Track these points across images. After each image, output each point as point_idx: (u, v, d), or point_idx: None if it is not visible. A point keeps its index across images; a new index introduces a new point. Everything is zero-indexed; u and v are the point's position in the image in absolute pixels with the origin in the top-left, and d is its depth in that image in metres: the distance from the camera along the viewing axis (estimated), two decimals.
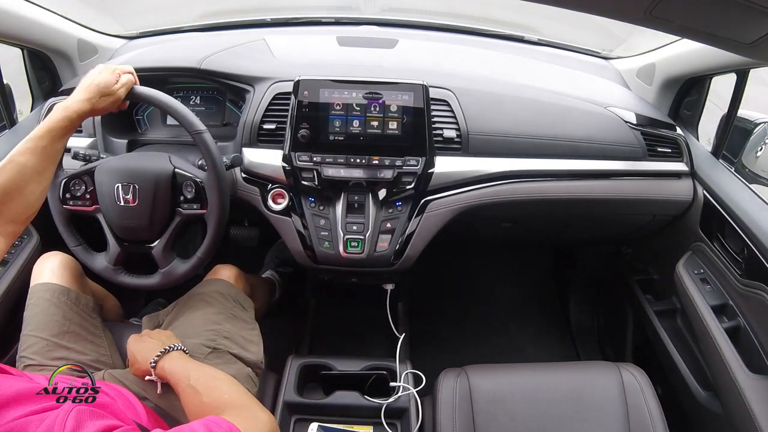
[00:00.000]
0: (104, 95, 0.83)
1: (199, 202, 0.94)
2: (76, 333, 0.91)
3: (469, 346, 1.60)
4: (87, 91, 0.82)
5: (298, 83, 0.99)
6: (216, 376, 0.76)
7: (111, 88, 0.84)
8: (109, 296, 1.18)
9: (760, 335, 0.93)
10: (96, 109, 0.84)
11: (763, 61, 0.75)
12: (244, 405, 0.68)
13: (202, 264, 0.97)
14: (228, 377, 0.77)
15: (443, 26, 1.56)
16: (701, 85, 1.16)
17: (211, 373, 0.77)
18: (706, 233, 1.10)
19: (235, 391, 0.72)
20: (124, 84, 0.87)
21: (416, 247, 1.05)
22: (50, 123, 0.78)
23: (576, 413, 0.91)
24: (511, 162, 1.06)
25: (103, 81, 0.83)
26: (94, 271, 0.98)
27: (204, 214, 0.94)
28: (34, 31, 1.14)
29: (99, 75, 0.84)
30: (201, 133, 0.90)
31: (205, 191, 0.93)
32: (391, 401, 0.99)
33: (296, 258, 1.08)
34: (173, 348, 0.83)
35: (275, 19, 1.52)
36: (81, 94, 0.82)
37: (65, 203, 0.94)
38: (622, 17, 0.60)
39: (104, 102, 0.84)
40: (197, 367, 0.79)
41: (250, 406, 0.69)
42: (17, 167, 0.73)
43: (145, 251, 0.96)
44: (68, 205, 0.94)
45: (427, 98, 0.98)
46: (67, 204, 0.94)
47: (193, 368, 0.78)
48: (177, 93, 1.18)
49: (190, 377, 0.74)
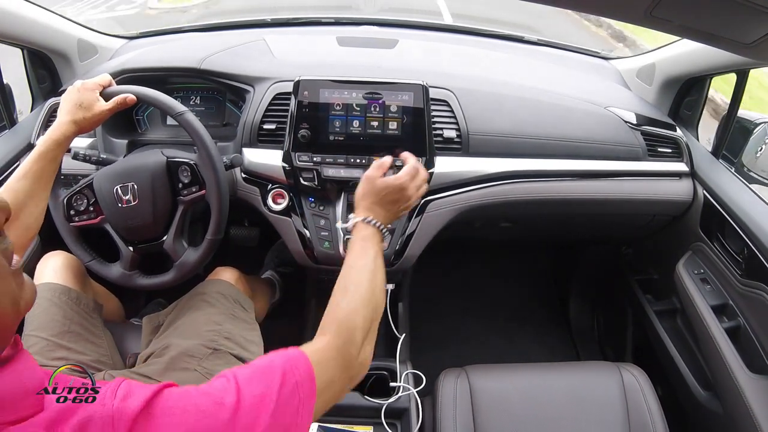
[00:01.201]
0: (87, 113, 0.84)
1: (197, 184, 0.94)
2: (77, 333, 0.91)
3: (469, 346, 1.60)
4: (69, 112, 0.83)
5: (298, 83, 0.99)
6: (372, 302, 0.65)
7: (93, 105, 0.85)
8: (110, 296, 1.18)
9: (760, 335, 0.93)
10: (83, 128, 0.85)
11: (763, 61, 0.75)
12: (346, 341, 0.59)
13: (214, 246, 0.96)
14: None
15: (443, 26, 1.56)
16: (701, 85, 1.16)
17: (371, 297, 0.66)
18: (706, 233, 1.10)
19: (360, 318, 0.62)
20: (106, 95, 0.88)
21: (416, 247, 1.05)
22: (40, 147, 0.79)
23: (576, 413, 0.92)
24: (511, 162, 1.06)
25: (85, 100, 0.84)
26: (112, 281, 0.98)
27: (204, 195, 0.94)
28: (34, 31, 1.14)
29: (78, 94, 0.85)
30: (183, 114, 0.91)
31: (200, 171, 0.93)
32: (391, 401, 0.99)
33: (296, 258, 1.08)
34: (381, 229, 0.75)
35: (275, 19, 1.52)
36: (65, 116, 0.83)
37: (71, 220, 0.94)
38: (622, 17, 0.61)
39: (89, 120, 0.85)
40: (365, 263, 0.69)
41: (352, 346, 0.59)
42: (12, 194, 0.74)
43: (157, 249, 0.96)
44: (74, 222, 0.94)
45: (427, 98, 0.98)
46: (72, 221, 0.94)
47: (361, 259, 0.69)
48: (177, 93, 1.18)
49: (354, 264, 0.68)
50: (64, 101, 0.85)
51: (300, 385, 0.49)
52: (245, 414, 0.43)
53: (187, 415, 0.40)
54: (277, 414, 0.45)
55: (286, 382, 0.48)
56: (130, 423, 0.37)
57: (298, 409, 0.47)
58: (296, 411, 0.47)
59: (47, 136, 0.81)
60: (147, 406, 0.39)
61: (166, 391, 0.42)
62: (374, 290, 0.67)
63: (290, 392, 0.47)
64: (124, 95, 0.88)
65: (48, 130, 0.82)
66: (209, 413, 0.41)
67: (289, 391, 0.47)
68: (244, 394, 0.44)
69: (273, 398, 0.46)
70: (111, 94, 0.89)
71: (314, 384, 0.50)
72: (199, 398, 0.43)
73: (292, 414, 0.47)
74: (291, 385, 0.48)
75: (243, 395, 0.44)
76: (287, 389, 0.47)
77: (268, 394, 0.46)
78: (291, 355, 0.52)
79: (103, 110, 0.86)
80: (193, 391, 0.44)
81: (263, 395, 0.45)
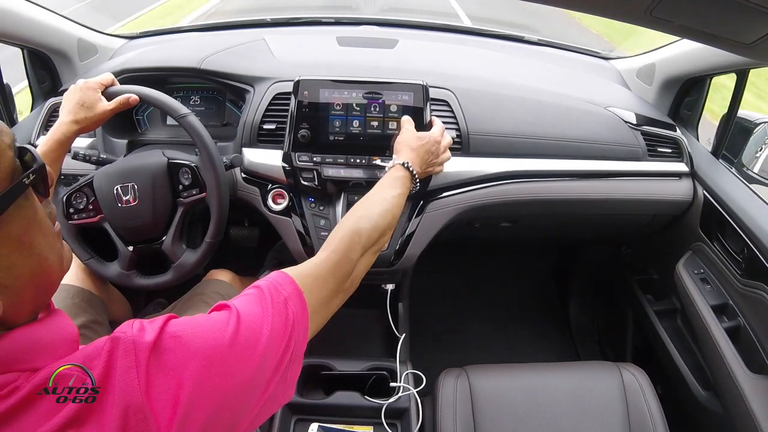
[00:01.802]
0: (89, 112, 0.84)
1: (197, 187, 0.94)
2: (83, 334, 0.92)
3: (469, 346, 1.60)
4: (71, 112, 0.83)
5: (298, 83, 0.99)
6: (380, 228, 0.70)
7: (95, 105, 0.85)
8: (120, 298, 1.18)
9: (760, 335, 0.93)
10: (85, 127, 0.84)
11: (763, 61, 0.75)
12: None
13: (212, 249, 0.96)
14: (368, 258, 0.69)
15: (443, 26, 1.56)
16: (701, 85, 1.16)
17: (381, 222, 0.70)
18: (706, 233, 1.10)
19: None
20: (108, 95, 0.88)
21: (416, 247, 1.04)
22: (42, 148, 0.79)
23: (576, 413, 0.92)
24: (511, 162, 1.06)
25: (87, 99, 0.84)
26: (109, 280, 0.98)
27: (205, 197, 0.94)
28: (34, 31, 1.14)
29: (80, 93, 0.84)
30: (186, 116, 0.90)
31: (201, 174, 0.93)
32: (391, 401, 0.99)
33: (296, 258, 1.08)
34: (414, 175, 0.81)
35: (275, 19, 1.52)
36: (66, 115, 0.83)
37: (70, 218, 0.94)
38: (622, 17, 0.60)
39: (91, 120, 0.84)
40: (384, 197, 0.75)
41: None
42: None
43: (155, 250, 0.96)
44: (73, 220, 0.94)
45: (427, 98, 0.98)
46: (72, 219, 0.94)
47: (379, 200, 0.74)
48: (177, 93, 1.18)
49: (373, 195, 0.75)
50: (66, 100, 0.84)
51: (289, 300, 0.53)
52: (246, 329, 0.47)
53: (196, 338, 0.44)
54: (275, 326, 0.49)
55: (275, 300, 0.52)
56: (150, 347, 0.41)
57: (292, 321, 0.51)
58: (288, 322, 0.51)
59: (49, 137, 0.80)
60: (160, 333, 0.43)
61: (171, 321, 0.45)
62: (384, 215, 0.71)
63: (281, 305, 0.51)
64: (127, 95, 0.88)
65: (50, 131, 0.82)
66: (216, 329, 0.45)
67: (280, 304, 0.51)
68: (243, 314, 0.48)
69: (269, 313, 0.50)
70: (113, 94, 0.88)
71: (302, 297, 0.54)
72: (204, 321, 0.47)
73: (284, 325, 0.50)
74: (281, 300, 0.52)
75: (242, 315, 0.48)
76: (278, 304, 0.51)
77: (264, 311, 0.50)
78: (275, 277, 0.56)
79: (105, 110, 0.86)
80: (197, 318, 0.47)
81: (259, 314, 0.49)
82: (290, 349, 0.50)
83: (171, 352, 0.42)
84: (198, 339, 0.43)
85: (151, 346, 0.41)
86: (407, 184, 0.80)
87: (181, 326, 0.44)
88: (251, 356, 0.46)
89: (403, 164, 0.81)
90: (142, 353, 0.40)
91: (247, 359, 0.45)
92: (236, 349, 0.45)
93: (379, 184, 0.78)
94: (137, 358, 0.40)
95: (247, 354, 0.45)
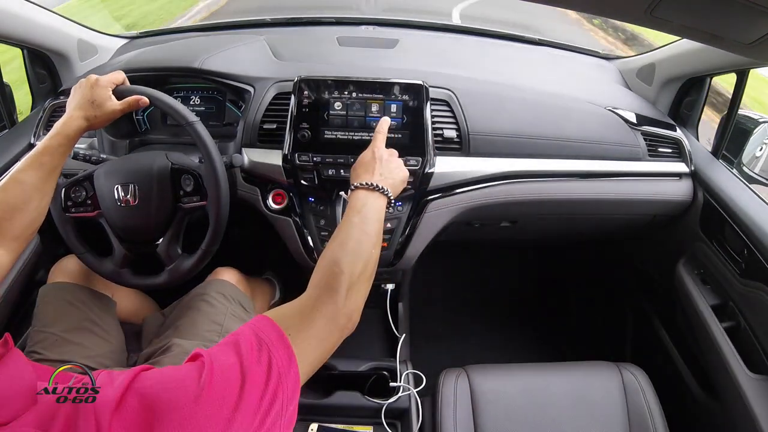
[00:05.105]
0: (99, 111, 0.83)
1: (198, 194, 0.93)
2: (89, 329, 0.93)
3: (469, 345, 1.60)
4: (82, 108, 0.81)
5: (298, 83, 0.99)
6: (360, 254, 0.66)
7: (105, 104, 0.83)
8: (130, 296, 1.17)
9: (760, 335, 0.93)
10: (93, 125, 0.83)
11: (763, 61, 0.75)
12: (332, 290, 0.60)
13: (207, 256, 0.95)
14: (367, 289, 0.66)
15: (443, 26, 1.56)
16: (701, 85, 1.16)
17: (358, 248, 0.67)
18: (706, 233, 1.10)
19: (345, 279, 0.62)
20: (118, 94, 0.86)
21: (416, 247, 1.05)
22: (49, 140, 0.77)
23: (576, 413, 0.92)
24: (512, 162, 1.06)
25: (98, 97, 0.83)
26: (102, 276, 0.98)
27: (205, 206, 0.93)
28: (34, 31, 1.14)
29: (92, 90, 0.83)
30: (193, 124, 0.90)
31: (203, 182, 0.93)
32: (391, 401, 0.99)
33: (296, 258, 1.08)
34: (385, 194, 0.76)
35: (275, 19, 1.52)
36: (77, 110, 0.81)
37: (68, 211, 0.93)
38: (622, 17, 0.61)
39: (100, 119, 0.83)
40: (362, 231, 0.70)
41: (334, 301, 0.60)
42: (19, 185, 0.73)
43: (150, 251, 0.96)
44: (71, 212, 0.94)
45: (427, 98, 0.98)
46: (69, 212, 0.94)
47: (348, 226, 0.70)
48: (177, 93, 1.17)
49: (350, 234, 0.69)
50: (77, 96, 0.83)
51: (271, 345, 0.50)
52: (218, 381, 0.44)
53: (162, 397, 0.42)
54: (251, 372, 0.46)
55: (253, 346, 0.49)
56: (113, 408, 0.39)
57: (277, 367, 0.48)
58: (269, 367, 0.48)
59: (58, 130, 0.78)
60: (126, 390, 0.41)
61: (141, 376, 0.43)
62: (360, 240, 0.68)
63: (258, 351, 0.48)
64: (137, 97, 0.87)
65: (58, 124, 0.79)
66: (186, 386, 0.43)
67: (257, 350, 0.48)
68: (216, 365, 0.46)
69: (246, 361, 0.47)
70: (124, 93, 0.87)
71: (284, 338, 0.51)
72: (173, 375, 0.45)
73: (265, 371, 0.47)
74: (259, 345, 0.49)
75: (215, 366, 0.45)
76: (255, 350, 0.48)
77: (240, 359, 0.47)
78: (254, 322, 0.53)
79: (114, 109, 0.84)
80: (166, 372, 0.45)
81: (234, 363, 0.46)
82: (276, 393, 0.47)
83: (135, 413, 0.40)
84: (163, 399, 0.42)
85: (114, 406, 0.40)
86: (372, 201, 0.75)
87: (149, 381, 0.43)
88: (222, 407, 0.43)
89: (356, 186, 0.77)
90: (103, 417, 0.39)
91: (219, 408, 0.43)
92: (203, 404, 0.43)
93: (346, 212, 0.74)
94: (98, 425, 0.39)
95: (217, 406, 0.43)
